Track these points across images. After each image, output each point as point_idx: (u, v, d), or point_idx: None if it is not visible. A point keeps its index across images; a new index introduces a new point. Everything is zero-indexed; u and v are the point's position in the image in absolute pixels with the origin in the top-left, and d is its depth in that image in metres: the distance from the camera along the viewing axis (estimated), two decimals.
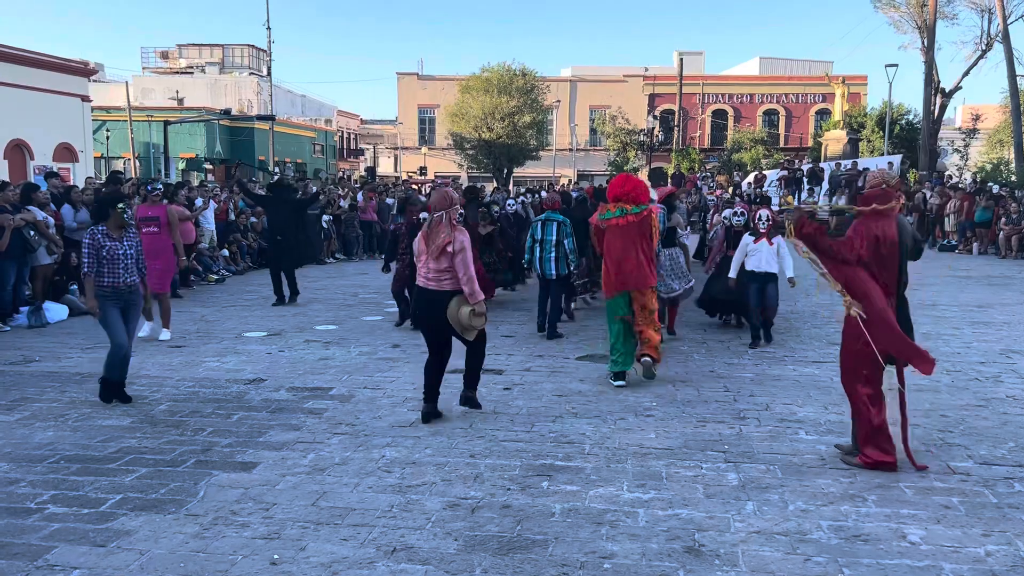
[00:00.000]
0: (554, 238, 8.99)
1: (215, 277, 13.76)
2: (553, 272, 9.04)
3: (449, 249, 5.71)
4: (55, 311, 10.07)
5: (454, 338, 6.01)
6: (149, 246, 8.26)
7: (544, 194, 16.02)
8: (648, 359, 6.99)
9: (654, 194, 8.62)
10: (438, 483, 4.79)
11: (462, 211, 7.06)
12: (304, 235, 13.21)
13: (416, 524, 4.24)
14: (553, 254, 8.99)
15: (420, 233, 6.02)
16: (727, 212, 9.91)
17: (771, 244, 8.45)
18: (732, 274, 8.64)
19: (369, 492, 4.66)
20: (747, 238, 8.60)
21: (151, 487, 4.70)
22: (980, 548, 3.99)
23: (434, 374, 6.04)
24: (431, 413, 6.01)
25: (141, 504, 4.46)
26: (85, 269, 6.28)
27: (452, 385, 7.07)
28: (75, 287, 10.78)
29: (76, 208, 11.35)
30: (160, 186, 9.23)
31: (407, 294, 9.36)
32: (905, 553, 3.95)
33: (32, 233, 9.96)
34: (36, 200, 10.40)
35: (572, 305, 10.46)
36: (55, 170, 18.11)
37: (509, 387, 7.01)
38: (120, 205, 6.45)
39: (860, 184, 24.96)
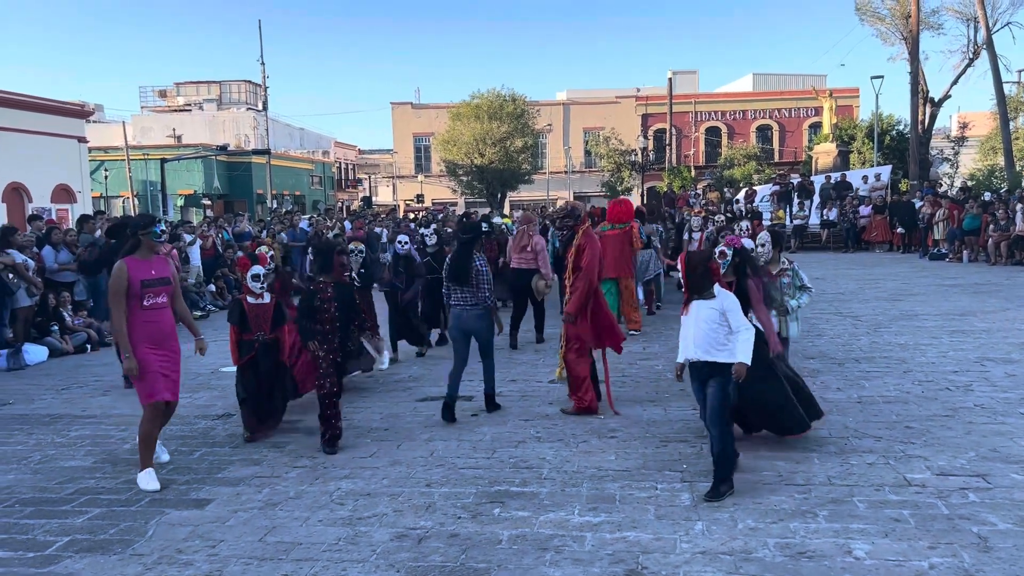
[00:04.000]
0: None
1: (199, 313, 13.81)
2: None
3: (529, 248, 9.75)
4: (35, 353, 10.11)
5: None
6: (162, 328, 5.43)
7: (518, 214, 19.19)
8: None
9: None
10: (389, 514, 4.78)
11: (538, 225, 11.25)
12: None
13: (360, 556, 4.22)
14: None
15: (512, 241, 10.32)
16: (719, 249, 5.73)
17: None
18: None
19: (319, 526, 4.65)
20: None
21: (101, 528, 4.70)
22: (924, 561, 3.95)
23: (519, 320, 10.11)
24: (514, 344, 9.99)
25: (88, 545, 4.45)
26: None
27: (422, 412, 7.10)
28: (56, 328, 10.84)
29: (57, 249, 11.44)
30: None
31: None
32: (848, 568, 3.92)
33: (11, 276, 10.04)
34: (15, 243, 10.50)
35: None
36: (41, 213, 18.26)
37: (477, 413, 7.00)
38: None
39: (852, 195, 24.99)
